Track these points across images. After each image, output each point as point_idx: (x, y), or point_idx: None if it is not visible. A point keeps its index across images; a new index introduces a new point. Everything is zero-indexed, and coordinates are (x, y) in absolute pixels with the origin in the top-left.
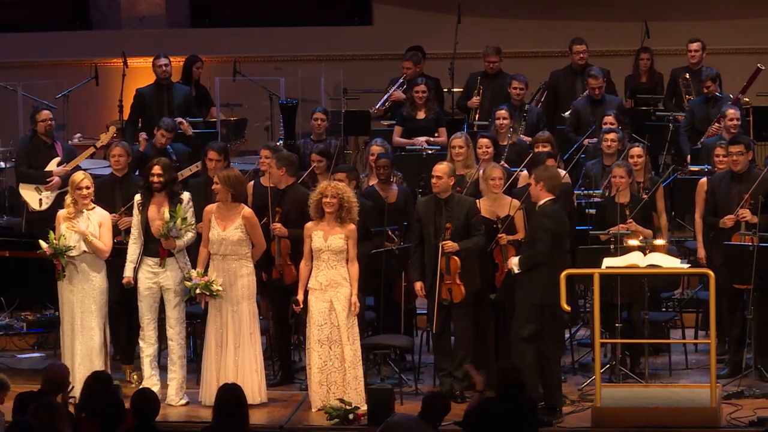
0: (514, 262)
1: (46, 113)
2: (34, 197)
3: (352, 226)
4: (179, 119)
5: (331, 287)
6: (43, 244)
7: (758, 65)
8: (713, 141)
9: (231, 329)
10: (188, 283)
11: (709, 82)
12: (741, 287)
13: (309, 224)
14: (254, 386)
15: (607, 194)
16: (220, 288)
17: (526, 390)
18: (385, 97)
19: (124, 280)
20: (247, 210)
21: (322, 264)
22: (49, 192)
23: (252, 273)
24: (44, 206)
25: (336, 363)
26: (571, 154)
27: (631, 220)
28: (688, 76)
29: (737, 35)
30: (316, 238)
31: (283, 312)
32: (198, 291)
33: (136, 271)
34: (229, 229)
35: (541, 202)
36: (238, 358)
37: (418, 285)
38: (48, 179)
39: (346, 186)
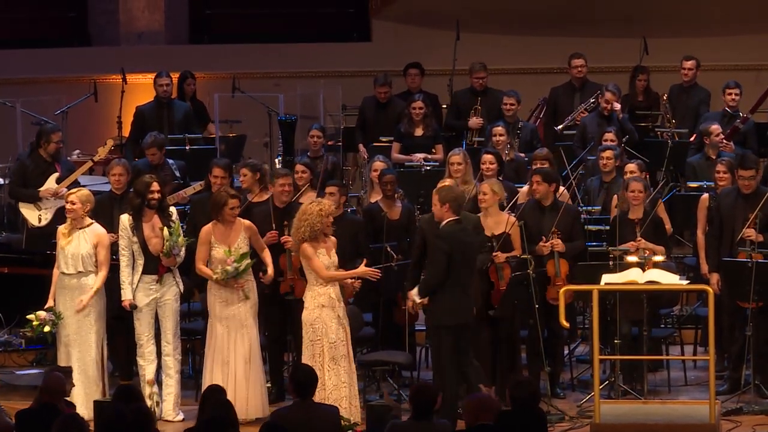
0: (414, 293)
1: (58, 135)
2: (33, 214)
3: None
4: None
5: (338, 303)
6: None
7: None
8: (697, 159)
9: (241, 345)
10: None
11: (610, 96)
12: (745, 305)
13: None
14: (264, 401)
15: (617, 210)
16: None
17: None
18: None
19: (125, 303)
20: (245, 221)
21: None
22: (47, 209)
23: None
24: (43, 222)
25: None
26: (573, 169)
27: (640, 237)
28: (665, 97)
29: (735, 51)
30: (322, 257)
31: (282, 328)
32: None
33: (133, 291)
34: (235, 245)
35: (444, 223)
36: (249, 373)
37: (413, 293)
38: (40, 197)
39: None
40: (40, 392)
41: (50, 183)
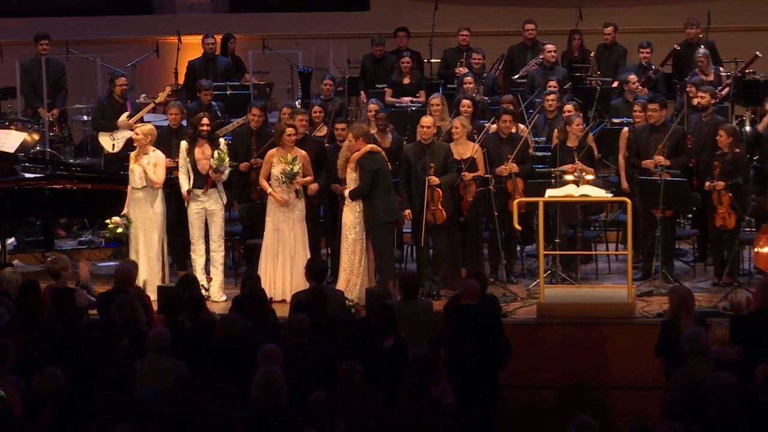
0: (347, 194)
1: (122, 79)
2: (108, 143)
3: None
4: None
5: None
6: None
7: (756, 53)
8: (618, 101)
9: (289, 242)
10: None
11: (551, 51)
12: (655, 213)
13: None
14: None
15: (556, 140)
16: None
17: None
18: None
19: (184, 194)
20: (301, 150)
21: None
22: (119, 139)
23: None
24: (116, 149)
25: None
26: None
27: (577, 161)
28: (593, 54)
29: (649, 17)
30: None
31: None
32: (285, 180)
33: (188, 200)
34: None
35: (365, 149)
36: (293, 266)
37: (407, 212)
38: (117, 127)
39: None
40: (115, 280)
41: (123, 118)
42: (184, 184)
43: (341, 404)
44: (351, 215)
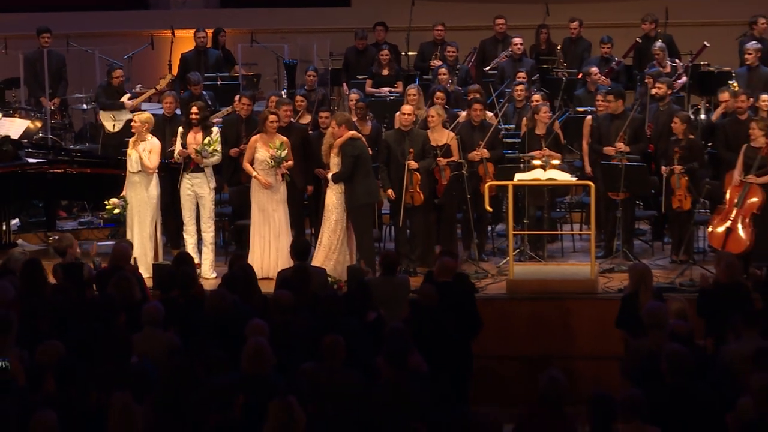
0: (330, 177)
1: (119, 71)
2: (109, 123)
3: None
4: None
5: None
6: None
7: (704, 44)
8: (582, 91)
9: (273, 222)
10: (275, 155)
11: (518, 44)
12: (616, 196)
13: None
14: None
15: (525, 128)
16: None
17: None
18: None
19: (177, 151)
20: (283, 137)
21: (334, 168)
22: (120, 120)
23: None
24: (116, 129)
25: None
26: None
27: (545, 147)
28: (559, 47)
29: (612, 13)
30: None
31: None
32: (274, 164)
33: (180, 181)
34: (273, 144)
35: (346, 136)
36: (279, 244)
37: (390, 191)
38: (122, 106)
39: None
40: (111, 258)
41: (124, 99)
42: (177, 156)
43: (325, 374)
44: (334, 197)
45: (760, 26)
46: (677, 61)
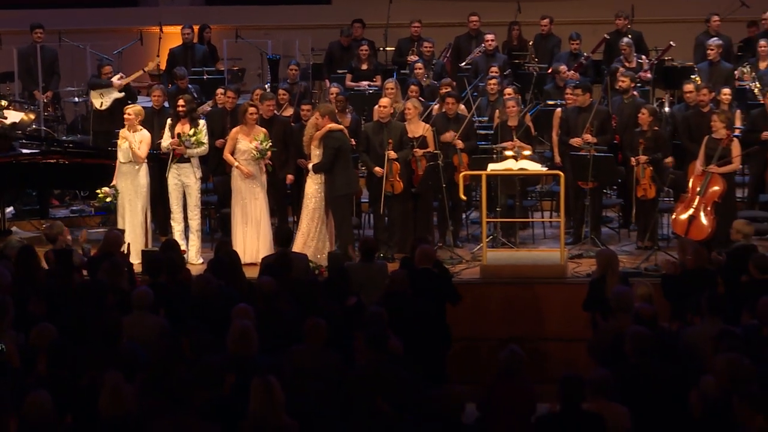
0: (310, 167)
1: (108, 68)
2: (97, 101)
3: None
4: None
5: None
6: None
7: (670, 42)
8: (551, 86)
9: (254, 210)
10: (260, 147)
11: (490, 40)
12: (584, 185)
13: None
14: (269, 251)
15: (497, 120)
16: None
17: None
18: None
19: (171, 143)
20: (262, 128)
21: (315, 158)
22: (107, 98)
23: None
24: (104, 107)
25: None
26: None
27: (516, 139)
28: (531, 43)
29: (581, 10)
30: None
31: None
32: (259, 155)
33: (167, 170)
34: (256, 137)
35: (327, 128)
36: (260, 230)
37: (378, 169)
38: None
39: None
40: (102, 245)
41: (114, 78)
42: (165, 146)
43: (307, 356)
44: (313, 186)
45: (713, 24)
46: (643, 57)
